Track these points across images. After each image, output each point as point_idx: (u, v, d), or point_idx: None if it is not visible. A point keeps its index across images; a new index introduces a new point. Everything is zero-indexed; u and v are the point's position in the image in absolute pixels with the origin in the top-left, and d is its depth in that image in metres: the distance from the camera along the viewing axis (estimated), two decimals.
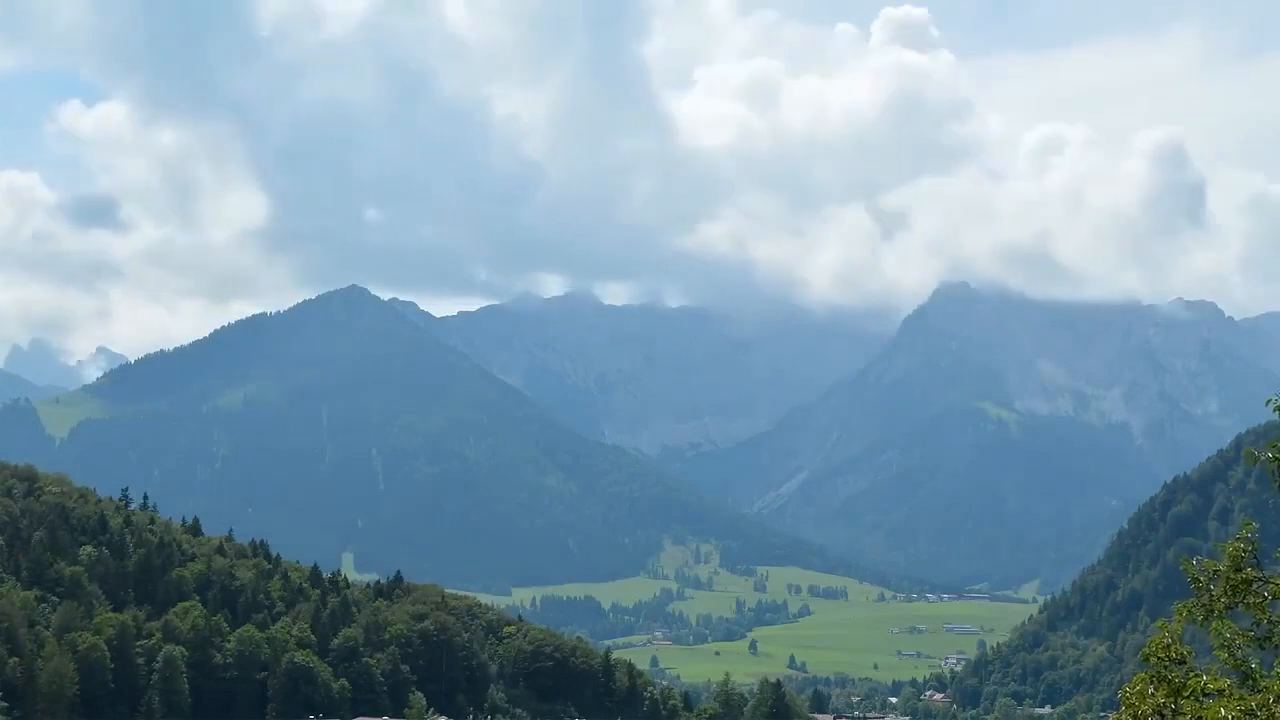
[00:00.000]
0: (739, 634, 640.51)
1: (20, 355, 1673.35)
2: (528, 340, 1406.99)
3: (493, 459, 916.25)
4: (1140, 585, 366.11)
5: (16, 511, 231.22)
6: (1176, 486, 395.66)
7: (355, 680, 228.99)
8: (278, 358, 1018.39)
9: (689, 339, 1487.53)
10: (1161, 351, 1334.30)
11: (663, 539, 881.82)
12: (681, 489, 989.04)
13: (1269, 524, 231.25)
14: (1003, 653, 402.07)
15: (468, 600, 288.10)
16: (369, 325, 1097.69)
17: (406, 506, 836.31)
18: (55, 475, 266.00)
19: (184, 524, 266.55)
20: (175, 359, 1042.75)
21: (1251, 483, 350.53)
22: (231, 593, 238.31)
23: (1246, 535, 29.11)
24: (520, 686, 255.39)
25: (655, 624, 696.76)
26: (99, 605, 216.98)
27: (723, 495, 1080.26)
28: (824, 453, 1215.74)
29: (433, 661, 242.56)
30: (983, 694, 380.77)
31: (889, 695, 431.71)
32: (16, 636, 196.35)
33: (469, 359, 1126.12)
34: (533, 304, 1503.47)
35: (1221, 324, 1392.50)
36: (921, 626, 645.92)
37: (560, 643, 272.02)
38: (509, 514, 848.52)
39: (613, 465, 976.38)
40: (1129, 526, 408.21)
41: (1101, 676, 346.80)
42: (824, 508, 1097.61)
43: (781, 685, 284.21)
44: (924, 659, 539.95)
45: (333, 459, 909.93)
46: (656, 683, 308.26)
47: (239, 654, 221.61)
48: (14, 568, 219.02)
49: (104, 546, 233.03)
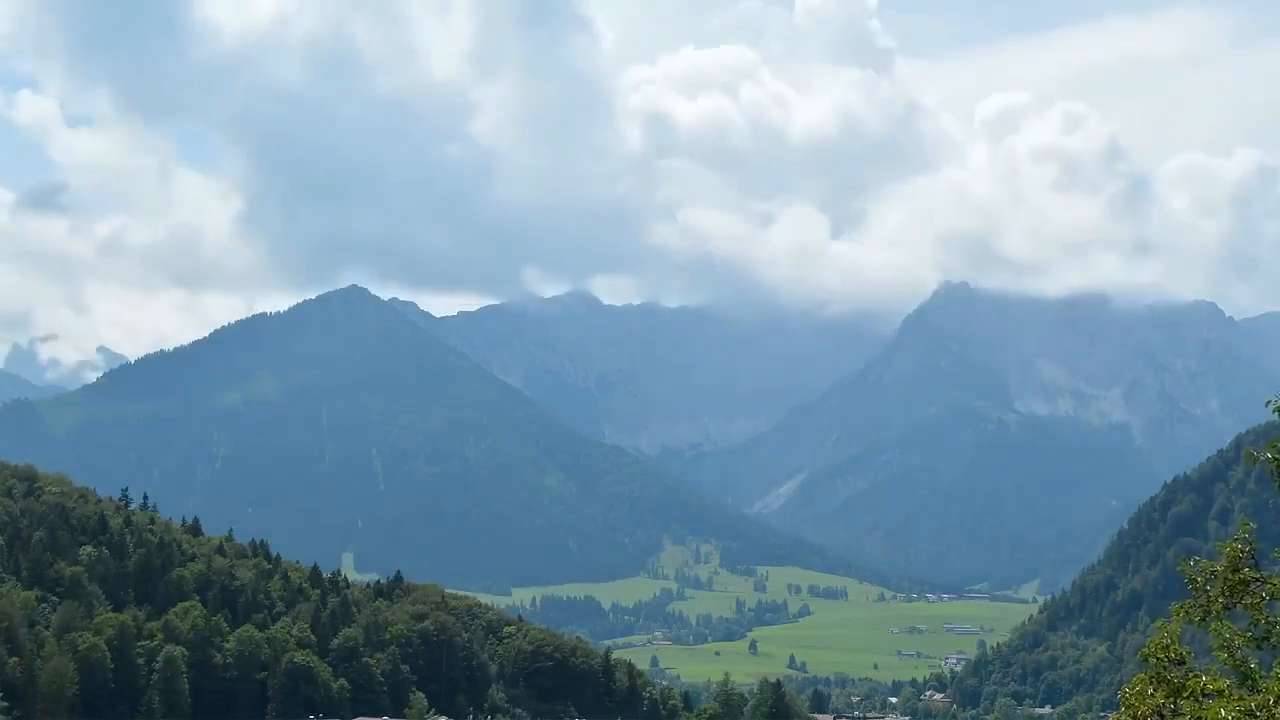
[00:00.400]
0: (739, 634, 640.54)
1: (20, 355, 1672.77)
2: (528, 340, 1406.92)
3: (493, 459, 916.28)
4: (1140, 585, 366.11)
5: (16, 511, 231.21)
6: (1176, 486, 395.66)
7: (355, 680, 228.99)
8: (278, 358, 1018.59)
9: (689, 339, 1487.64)
10: (1161, 351, 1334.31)
11: (663, 539, 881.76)
12: (681, 489, 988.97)
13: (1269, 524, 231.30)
14: (1003, 653, 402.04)
15: (468, 600, 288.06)
16: (369, 325, 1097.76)
17: (406, 506, 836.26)
18: (55, 475, 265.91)
19: (184, 524, 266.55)
20: (175, 359, 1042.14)
21: (1251, 483, 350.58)
22: (231, 593, 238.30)
23: (1244, 536, 29.13)
24: (520, 686, 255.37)
25: (655, 624, 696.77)
26: (99, 605, 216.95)
27: (723, 495, 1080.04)
28: (824, 453, 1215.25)
29: (433, 661, 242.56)
30: (983, 694, 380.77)
31: (889, 695, 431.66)
32: (16, 636, 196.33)
33: (469, 359, 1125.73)
34: (533, 304, 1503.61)
35: (1221, 324, 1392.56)
36: (921, 626, 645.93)
37: (560, 643, 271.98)
38: (509, 514, 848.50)
39: (613, 465, 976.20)
40: (1129, 526, 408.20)
41: (1101, 676, 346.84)
42: (824, 508, 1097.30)
43: (781, 685, 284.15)
44: (924, 659, 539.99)
45: (333, 459, 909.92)
46: (656, 683, 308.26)
47: (239, 654, 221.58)
48: (14, 568, 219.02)
49: (104, 546, 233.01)
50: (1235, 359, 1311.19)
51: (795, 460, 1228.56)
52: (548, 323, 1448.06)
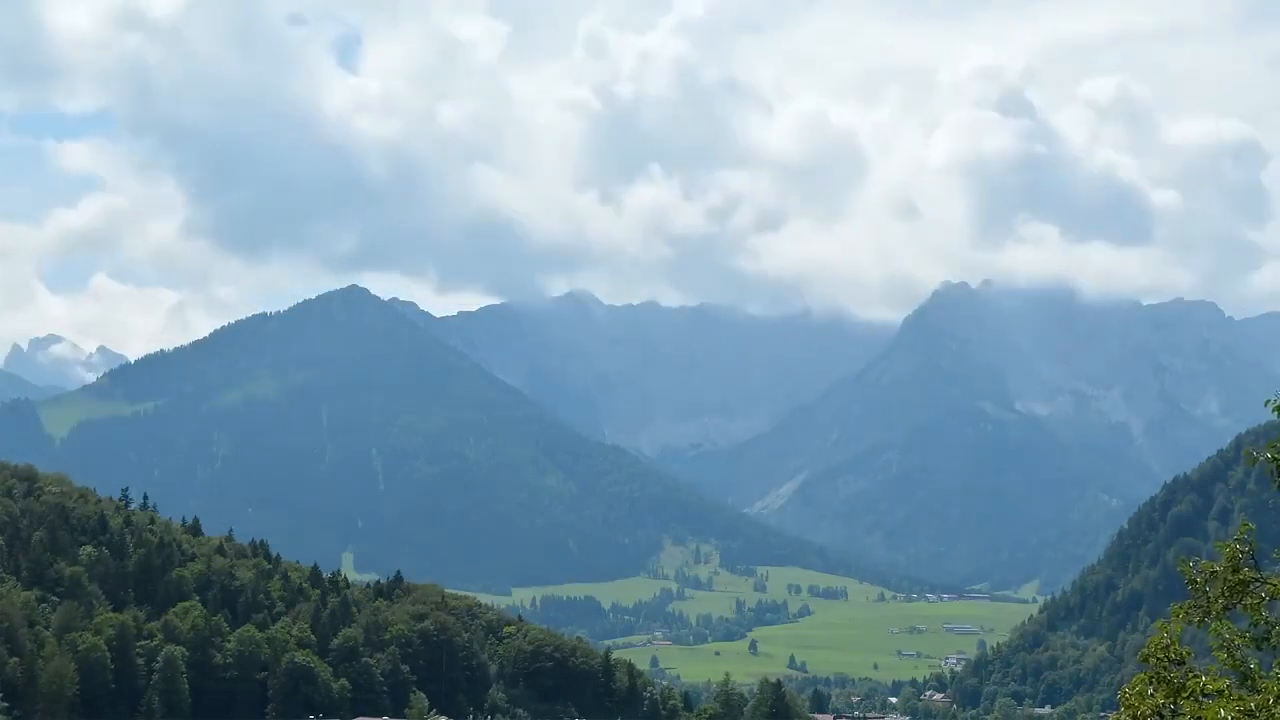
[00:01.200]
0: (739, 634, 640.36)
1: (20, 355, 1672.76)
2: (528, 340, 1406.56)
3: (493, 459, 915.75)
4: (1140, 585, 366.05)
5: (16, 511, 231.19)
6: (1176, 486, 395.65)
7: (355, 680, 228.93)
8: (278, 358, 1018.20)
9: (689, 339, 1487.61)
10: (1161, 351, 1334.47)
11: (663, 539, 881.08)
12: (681, 489, 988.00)
13: (1269, 524, 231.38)
14: (1003, 653, 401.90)
15: (468, 600, 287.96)
16: (369, 325, 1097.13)
17: (406, 506, 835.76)
18: (55, 475, 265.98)
19: (184, 524, 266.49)
20: (175, 359, 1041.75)
21: (1251, 483, 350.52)
22: (231, 593, 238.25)
23: (1242, 536, 29.11)
24: (520, 686, 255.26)
25: (655, 624, 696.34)
26: (99, 605, 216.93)
27: (723, 495, 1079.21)
28: (824, 453, 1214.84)
29: (433, 661, 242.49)
30: (983, 694, 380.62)
31: (889, 695, 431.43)
32: (16, 636, 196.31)
33: (469, 359, 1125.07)
34: (533, 304, 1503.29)
35: (1221, 324, 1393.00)
36: (921, 626, 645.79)
37: (560, 643, 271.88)
38: (509, 514, 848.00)
39: (613, 465, 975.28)
40: (1129, 526, 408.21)
41: (1101, 677, 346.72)
42: (824, 508, 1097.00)
43: (781, 685, 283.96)
44: (924, 659, 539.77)
45: (333, 459, 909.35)
46: (656, 683, 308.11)
47: (239, 654, 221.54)
48: (14, 568, 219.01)
49: (104, 546, 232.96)
50: (1235, 359, 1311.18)
51: (795, 460, 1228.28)
52: (548, 323, 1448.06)
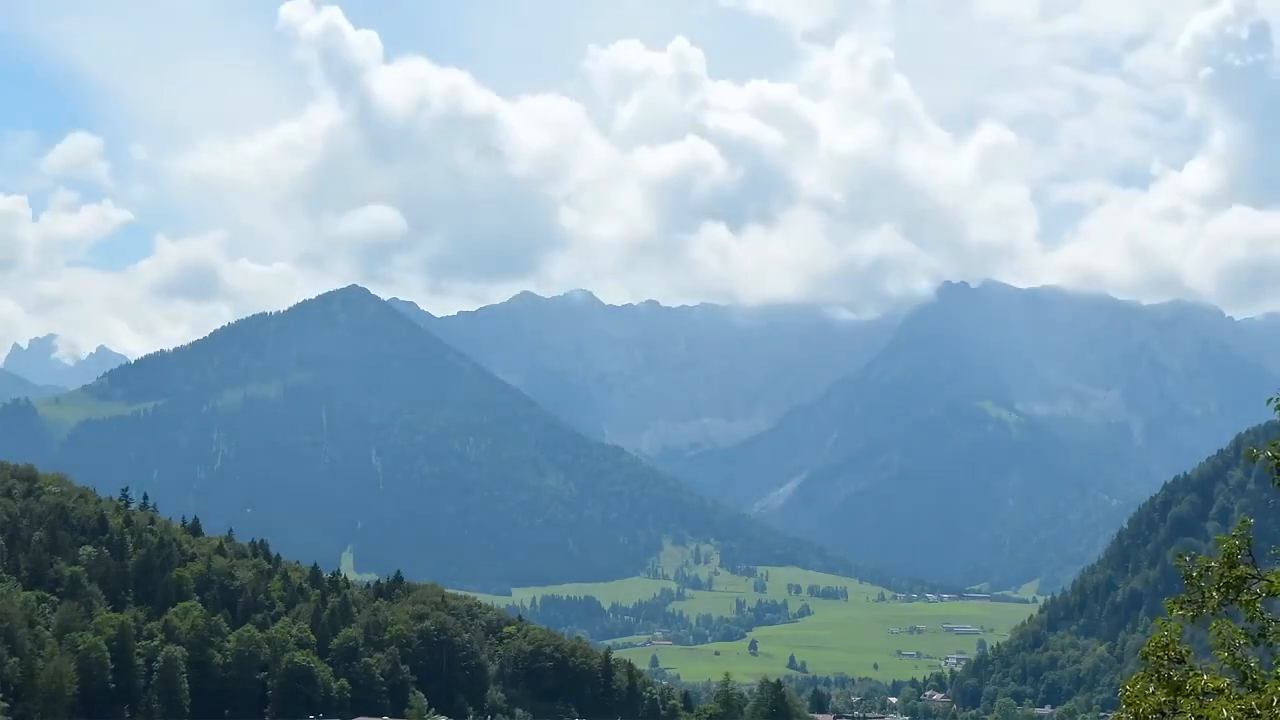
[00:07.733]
0: (739, 634, 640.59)
1: (20, 355, 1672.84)
2: (528, 340, 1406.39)
3: (493, 459, 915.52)
4: (1140, 585, 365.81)
5: (16, 511, 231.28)
6: (1176, 486, 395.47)
7: (355, 680, 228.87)
8: (277, 358, 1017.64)
9: (689, 339, 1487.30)
10: (1161, 351, 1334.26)
11: (663, 539, 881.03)
12: (681, 489, 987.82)
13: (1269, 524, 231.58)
14: (1003, 653, 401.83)
15: (468, 600, 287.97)
16: (369, 325, 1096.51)
17: (406, 506, 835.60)
18: (55, 475, 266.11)
19: (184, 524, 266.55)
20: (175, 359, 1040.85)
21: (1251, 483, 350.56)
22: (231, 593, 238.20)
23: (1240, 532, 29.05)
24: (520, 686, 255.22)
25: (655, 624, 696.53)
26: (99, 605, 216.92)
27: (723, 495, 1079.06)
28: (824, 453, 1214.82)
29: (433, 661, 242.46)
30: (983, 694, 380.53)
31: (889, 695, 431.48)
32: (16, 636, 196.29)
33: (469, 359, 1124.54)
34: (533, 304, 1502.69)
35: (1221, 324, 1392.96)
36: (921, 626, 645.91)
37: (560, 643, 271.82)
38: (509, 514, 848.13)
39: (613, 465, 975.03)
40: (1129, 526, 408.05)
41: (1101, 676, 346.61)
42: (824, 508, 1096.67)
43: (781, 685, 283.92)
44: (924, 659, 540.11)
45: (333, 459, 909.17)
46: (656, 683, 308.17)
47: (239, 654, 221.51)
48: (14, 568, 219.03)
49: (104, 546, 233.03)
50: (1235, 359, 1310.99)
51: (795, 460, 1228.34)
52: (548, 323, 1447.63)
